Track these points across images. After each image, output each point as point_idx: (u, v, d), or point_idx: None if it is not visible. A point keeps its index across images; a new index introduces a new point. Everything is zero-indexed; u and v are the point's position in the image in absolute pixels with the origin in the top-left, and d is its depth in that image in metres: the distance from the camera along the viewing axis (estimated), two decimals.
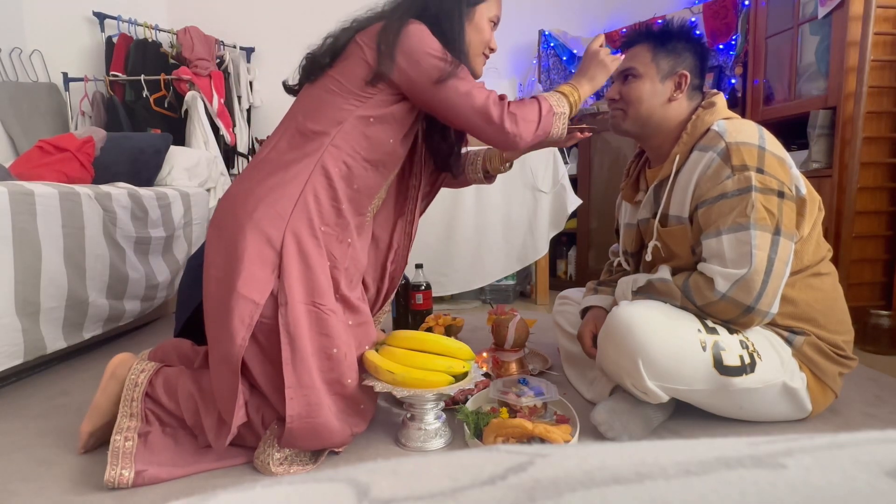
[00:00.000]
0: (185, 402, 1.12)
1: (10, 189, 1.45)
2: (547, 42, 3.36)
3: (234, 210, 1.12)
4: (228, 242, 1.09)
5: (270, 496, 0.20)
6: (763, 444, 0.21)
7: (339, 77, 1.14)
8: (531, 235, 2.57)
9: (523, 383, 1.28)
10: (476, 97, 1.12)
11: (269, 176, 1.13)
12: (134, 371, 1.15)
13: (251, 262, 1.05)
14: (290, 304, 1.06)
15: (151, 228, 2.09)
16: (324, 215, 1.14)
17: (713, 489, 0.17)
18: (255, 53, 3.43)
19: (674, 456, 0.20)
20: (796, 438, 0.21)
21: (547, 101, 1.19)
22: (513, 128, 1.14)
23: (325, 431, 1.07)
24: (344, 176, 1.15)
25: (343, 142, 1.13)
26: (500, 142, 1.18)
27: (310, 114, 1.15)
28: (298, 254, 1.09)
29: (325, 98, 1.15)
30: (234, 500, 0.20)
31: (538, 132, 1.18)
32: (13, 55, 2.91)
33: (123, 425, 1.09)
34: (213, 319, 1.09)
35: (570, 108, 1.23)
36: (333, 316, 1.11)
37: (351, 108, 1.13)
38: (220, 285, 1.08)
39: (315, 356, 1.08)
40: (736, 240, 1.11)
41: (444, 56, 1.12)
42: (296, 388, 1.05)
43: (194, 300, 1.46)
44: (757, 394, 1.14)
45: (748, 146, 1.13)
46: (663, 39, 1.25)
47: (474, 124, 1.15)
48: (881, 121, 1.88)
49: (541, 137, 1.20)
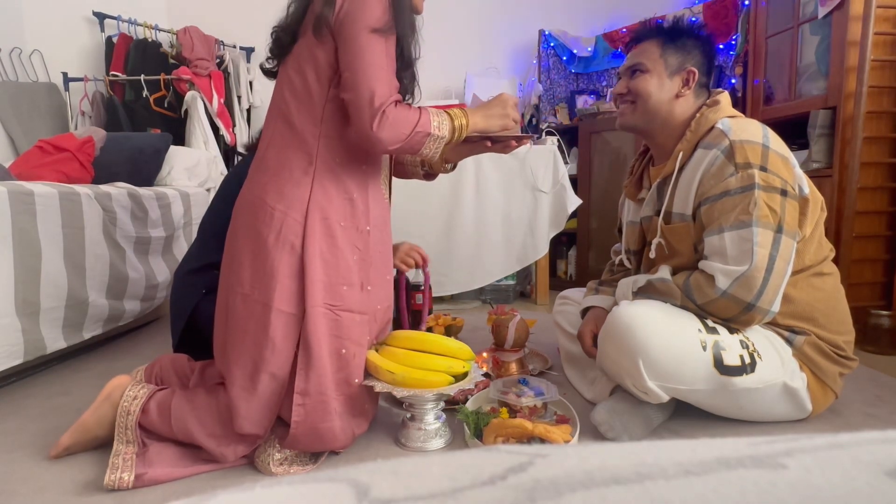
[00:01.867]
0: (178, 423, 1.10)
1: (10, 189, 1.45)
2: (547, 42, 3.35)
3: (253, 223, 1.11)
4: (255, 257, 1.09)
5: (270, 496, 0.20)
6: (763, 444, 0.21)
7: (307, 49, 1.10)
8: (531, 235, 2.57)
9: (523, 383, 1.28)
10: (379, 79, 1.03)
11: (274, 179, 1.12)
12: (126, 398, 1.12)
13: (283, 276, 1.07)
14: (308, 309, 1.06)
15: (151, 228, 2.09)
16: (338, 210, 1.13)
17: (713, 489, 0.17)
18: (255, 53, 3.43)
19: (674, 456, 0.20)
20: (796, 438, 0.21)
21: (428, 122, 1.09)
22: (377, 125, 1.03)
23: (328, 435, 1.07)
24: (347, 162, 1.14)
25: (332, 129, 1.12)
26: (357, 130, 1.06)
27: (294, 101, 1.12)
28: (317, 256, 1.09)
29: (298, 84, 1.12)
30: (234, 500, 0.20)
31: (403, 146, 1.07)
32: (13, 55, 2.92)
33: (120, 450, 1.08)
34: (242, 334, 1.09)
35: (451, 134, 1.12)
36: (346, 315, 1.11)
37: (324, 91, 1.10)
38: (250, 302, 1.09)
39: (330, 359, 1.09)
40: (738, 237, 1.11)
41: (387, 15, 1.05)
42: (305, 395, 1.06)
43: (187, 311, 1.47)
44: (757, 394, 1.14)
45: (752, 144, 1.13)
46: (673, 36, 1.25)
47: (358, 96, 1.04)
48: (881, 121, 1.88)
49: (406, 152, 1.11)
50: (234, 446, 1.09)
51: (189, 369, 1.30)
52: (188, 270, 1.54)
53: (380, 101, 1.03)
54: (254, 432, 1.07)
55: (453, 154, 1.33)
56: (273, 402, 1.08)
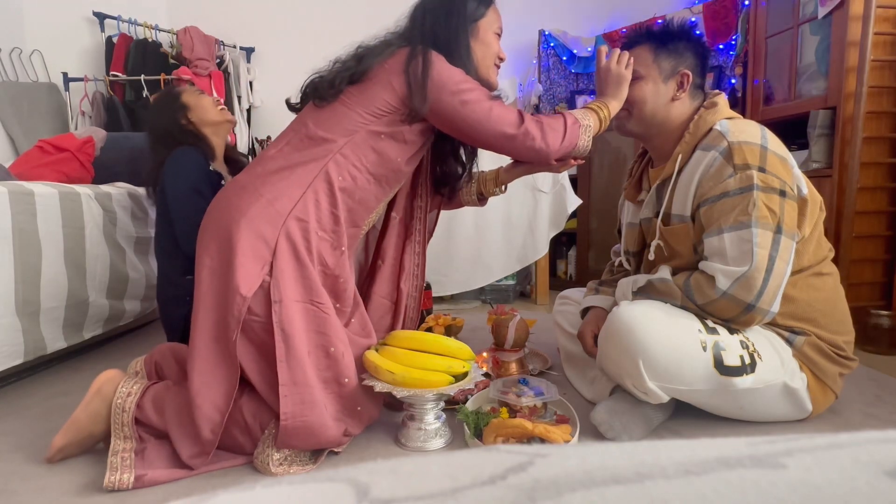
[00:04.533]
0: (173, 417, 1.09)
1: (10, 189, 1.45)
2: (547, 42, 3.36)
3: (233, 202, 1.12)
4: (223, 233, 1.09)
5: (270, 496, 0.20)
6: (763, 444, 0.21)
7: (357, 95, 1.16)
8: (531, 235, 2.57)
9: (523, 383, 1.28)
10: (500, 112, 1.16)
11: (272, 174, 1.13)
12: (120, 394, 1.11)
13: (244, 256, 1.06)
14: (284, 301, 1.06)
15: (151, 228, 2.09)
16: (322, 220, 1.15)
17: (713, 489, 0.17)
18: (255, 53, 3.43)
19: (674, 456, 0.20)
20: (796, 438, 0.21)
21: (572, 115, 1.22)
22: (538, 135, 1.17)
23: (319, 430, 1.06)
24: (347, 186, 1.16)
25: (351, 152, 1.15)
26: (527, 152, 1.20)
27: (321, 122, 1.17)
28: (292, 253, 1.09)
29: (339, 110, 1.17)
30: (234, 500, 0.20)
31: (565, 143, 1.20)
32: (13, 55, 2.92)
33: (118, 447, 1.06)
34: (205, 311, 1.08)
35: (598, 123, 1.24)
36: (333, 315, 1.11)
37: (364, 123, 1.16)
38: (214, 275, 1.08)
39: (312, 354, 1.08)
40: (737, 238, 1.11)
41: (467, 79, 1.17)
42: (290, 385, 1.05)
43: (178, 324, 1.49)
44: (757, 394, 1.14)
45: (750, 145, 1.13)
46: (664, 40, 1.26)
47: (500, 137, 1.17)
48: (881, 121, 1.88)
49: (567, 149, 1.21)
50: (202, 456, 1.06)
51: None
52: (166, 285, 1.56)
53: (515, 118, 1.17)
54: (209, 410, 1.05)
55: (507, 175, 1.44)
56: (225, 387, 1.05)
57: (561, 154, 1.21)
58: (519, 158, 1.26)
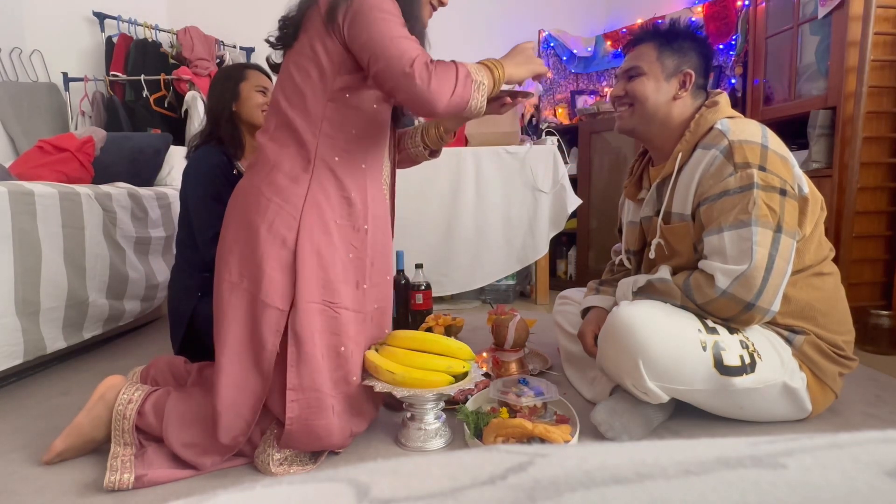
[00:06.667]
0: (173, 422, 1.10)
1: (10, 189, 1.45)
2: (547, 42, 3.35)
3: (246, 212, 1.11)
4: (244, 246, 1.09)
5: (270, 496, 0.20)
6: (763, 444, 0.21)
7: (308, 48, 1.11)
8: (531, 235, 2.57)
9: (523, 383, 1.28)
10: (404, 45, 1.03)
11: (273, 174, 1.12)
12: (121, 401, 1.12)
13: (271, 269, 1.06)
14: (299, 305, 1.06)
15: (151, 228, 2.10)
16: (335, 208, 1.13)
17: (713, 489, 0.17)
18: (255, 53, 3.43)
19: (674, 456, 0.20)
20: (796, 438, 0.21)
21: (465, 66, 1.07)
22: (428, 81, 1.01)
23: (324, 433, 1.06)
24: (346, 160, 1.14)
25: (331, 128, 1.12)
26: (413, 97, 1.03)
27: (291, 101, 1.13)
28: (313, 253, 1.09)
29: (299, 81, 1.12)
30: (234, 500, 0.20)
31: (454, 98, 1.04)
32: (13, 55, 2.91)
33: (118, 452, 1.07)
34: (228, 323, 1.08)
35: (492, 84, 1.10)
36: (345, 313, 1.11)
37: (322, 87, 1.10)
38: (237, 291, 1.08)
39: (325, 357, 1.08)
40: (737, 236, 1.11)
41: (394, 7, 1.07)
42: (298, 390, 1.05)
43: (185, 317, 1.48)
44: (757, 394, 1.14)
45: (751, 144, 1.13)
46: (669, 38, 1.26)
47: (394, 70, 1.02)
48: (881, 121, 1.88)
49: (457, 106, 1.06)
50: (213, 456, 1.07)
51: (185, 371, 1.29)
52: (179, 275, 1.55)
53: (415, 56, 1.01)
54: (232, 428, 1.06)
55: (453, 122, 1.36)
56: (253, 400, 1.07)
57: (449, 110, 1.05)
58: (405, 104, 1.11)
